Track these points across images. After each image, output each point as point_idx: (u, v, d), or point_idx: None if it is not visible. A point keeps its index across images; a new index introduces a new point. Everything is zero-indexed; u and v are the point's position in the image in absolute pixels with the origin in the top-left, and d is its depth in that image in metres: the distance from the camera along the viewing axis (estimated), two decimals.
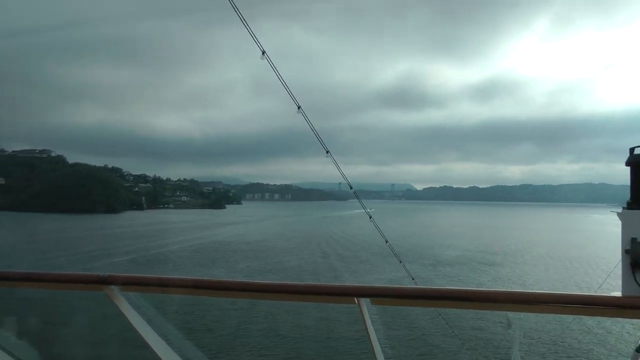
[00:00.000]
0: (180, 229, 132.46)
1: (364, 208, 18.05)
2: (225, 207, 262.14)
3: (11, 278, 5.88)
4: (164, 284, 5.32)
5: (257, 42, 10.20)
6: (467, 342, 37.35)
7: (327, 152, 14.02)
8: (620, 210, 4.02)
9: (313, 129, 13.08)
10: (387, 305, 4.62)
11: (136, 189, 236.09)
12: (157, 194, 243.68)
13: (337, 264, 77.68)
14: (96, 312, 35.93)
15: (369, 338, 4.77)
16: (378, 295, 4.64)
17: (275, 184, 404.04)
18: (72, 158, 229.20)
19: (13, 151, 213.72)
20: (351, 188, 17.11)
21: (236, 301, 39.08)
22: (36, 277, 5.72)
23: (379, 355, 4.83)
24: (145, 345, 5.10)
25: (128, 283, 5.10)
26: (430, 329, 38.53)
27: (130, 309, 5.05)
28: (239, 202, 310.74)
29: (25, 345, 6.94)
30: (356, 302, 4.57)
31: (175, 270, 67.31)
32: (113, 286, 4.96)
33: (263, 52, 10.45)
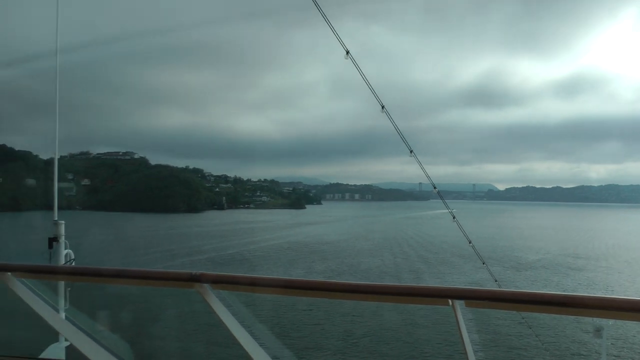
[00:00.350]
0: (259, 229, 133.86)
1: (447, 208, 17.87)
2: (305, 207, 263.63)
3: (105, 274, 6.10)
4: (255, 283, 5.42)
5: (341, 42, 10.27)
6: (550, 348, 36.53)
7: (411, 151, 13.97)
8: None
9: (397, 128, 13.08)
10: (481, 307, 4.54)
11: (217, 189, 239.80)
12: (237, 194, 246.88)
13: (418, 265, 76.93)
14: (186, 308, 37.03)
15: (462, 340, 4.72)
16: (473, 297, 4.58)
17: (355, 184, 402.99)
18: (154, 160, 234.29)
19: (98, 153, 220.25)
20: (434, 188, 16.99)
21: (319, 301, 39.43)
22: (130, 274, 5.91)
23: (471, 358, 4.78)
24: (234, 342, 5.21)
25: (219, 281, 5.23)
26: (513, 333, 37.93)
27: (220, 307, 5.18)
28: (319, 202, 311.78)
29: (118, 339, 7.17)
30: (450, 303, 4.54)
31: (251, 270, 67.95)
32: (204, 284, 5.09)
33: (347, 52, 10.51)
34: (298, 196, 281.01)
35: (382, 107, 11.92)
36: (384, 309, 40.93)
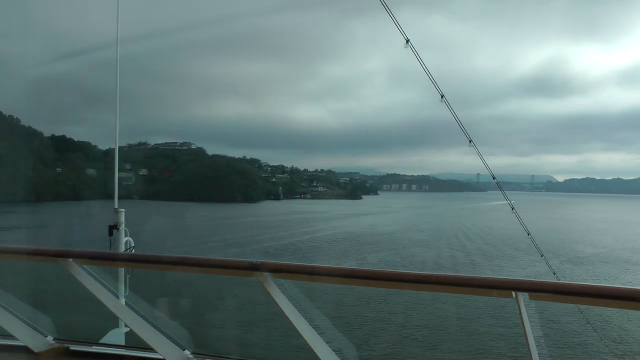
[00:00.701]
0: (313, 219, 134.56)
1: (506, 199, 17.62)
2: (361, 198, 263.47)
3: (166, 262, 6.17)
4: (315, 272, 5.42)
5: (400, 30, 10.17)
6: (610, 344, 35.90)
7: (470, 141, 13.78)
8: None
9: (456, 118, 12.92)
10: (545, 300, 4.45)
11: (273, 179, 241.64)
12: (294, 184, 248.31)
13: (475, 257, 76.24)
14: (245, 297, 37.53)
15: (525, 334, 4.65)
16: (537, 290, 4.51)
17: (412, 175, 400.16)
18: (212, 150, 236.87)
19: (155, 144, 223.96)
20: (493, 178, 16.77)
21: (379, 291, 39.65)
22: (190, 262, 5.98)
23: (534, 352, 4.69)
24: (294, 332, 5.21)
25: (279, 270, 5.25)
26: (576, 328, 37.32)
27: (281, 295, 5.20)
28: (375, 193, 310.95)
29: (177, 326, 7.24)
30: (514, 296, 4.45)
31: (303, 261, 68.20)
32: (265, 272, 5.09)
33: (407, 41, 10.40)
34: (354, 186, 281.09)
35: (442, 96, 11.80)
36: (440, 300, 40.84)
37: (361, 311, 41.02)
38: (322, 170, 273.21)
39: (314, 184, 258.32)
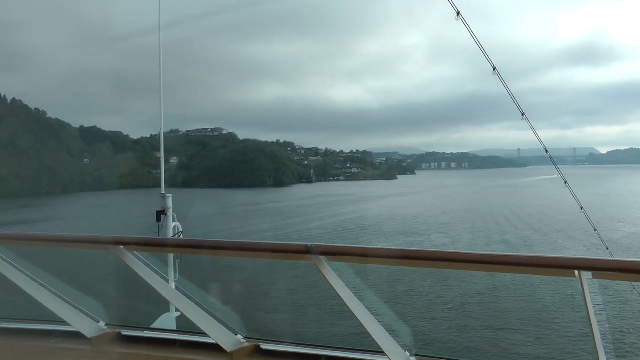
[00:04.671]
0: (337, 202, 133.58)
1: (560, 173, 17.46)
2: (396, 178, 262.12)
3: (219, 247, 6.33)
4: (369, 254, 5.53)
5: (452, 3, 10.15)
6: None
7: (523, 114, 13.75)
8: None
9: (509, 90, 12.93)
10: (610, 279, 4.47)
11: (306, 162, 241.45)
12: (327, 166, 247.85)
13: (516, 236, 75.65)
14: (297, 280, 37.86)
15: (588, 313, 4.68)
16: (601, 268, 4.52)
17: (452, 153, 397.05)
18: (245, 135, 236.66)
19: (187, 131, 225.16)
20: (547, 152, 16.68)
21: (433, 271, 39.82)
22: (245, 247, 6.12)
23: (596, 332, 4.73)
24: (349, 314, 5.33)
25: (333, 253, 5.36)
26: (636, 306, 37.10)
27: (335, 278, 5.31)
28: (412, 172, 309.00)
29: (229, 310, 7.42)
30: (576, 275, 4.49)
31: None
32: (319, 256, 5.21)
33: (458, 13, 10.40)
34: (389, 167, 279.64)
35: (494, 68, 11.76)
36: (497, 279, 40.84)
37: (417, 291, 41.25)
38: (357, 151, 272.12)
39: (348, 165, 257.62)
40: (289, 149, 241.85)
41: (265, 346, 6.43)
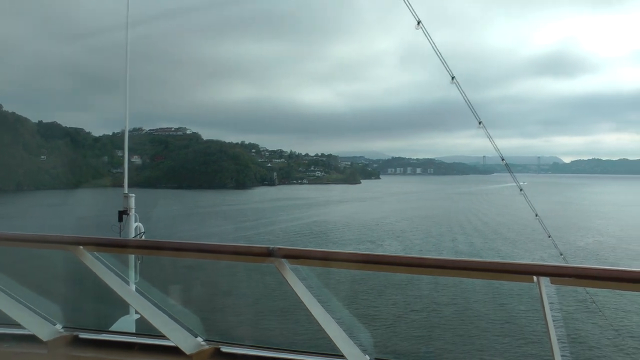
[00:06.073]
0: (296, 206, 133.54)
1: (515, 181, 17.86)
2: (360, 182, 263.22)
3: (180, 249, 6.32)
4: (332, 258, 5.58)
5: (412, 11, 10.26)
6: (619, 326, 36.56)
7: (480, 122, 13.99)
8: None
9: (466, 99, 13.11)
10: (567, 285, 4.60)
11: (269, 164, 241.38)
12: (290, 169, 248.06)
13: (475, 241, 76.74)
14: (259, 282, 37.85)
15: (545, 317, 4.79)
16: (559, 274, 4.66)
17: (417, 158, 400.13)
18: (212, 136, 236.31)
19: (150, 130, 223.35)
20: (502, 160, 17.01)
21: (395, 276, 40.20)
22: (206, 249, 6.12)
23: (553, 336, 4.84)
24: (310, 317, 5.38)
25: (296, 256, 5.40)
26: (582, 310, 38.00)
27: (297, 281, 5.36)
28: (377, 177, 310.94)
29: (190, 312, 7.41)
30: (535, 280, 4.60)
31: None
32: (281, 258, 5.26)
33: (418, 22, 10.51)
34: (353, 171, 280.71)
35: (452, 77, 11.93)
36: (467, 283, 41.39)
37: (377, 296, 41.56)
38: (322, 154, 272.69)
39: (312, 168, 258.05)
40: (253, 150, 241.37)
41: (225, 349, 6.43)
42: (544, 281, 4.63)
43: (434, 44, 10.46)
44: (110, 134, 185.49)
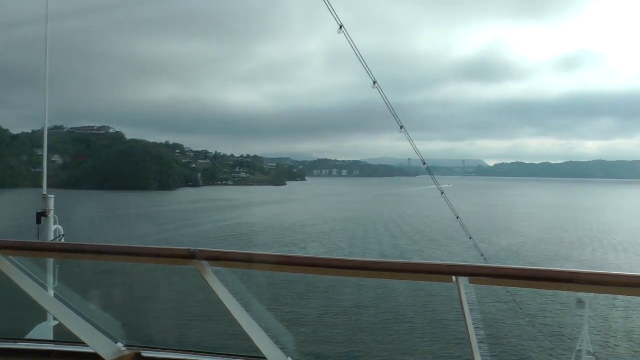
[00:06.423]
0: (218, 208, 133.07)
1: (437, 184, 18.15)
2: (285, 184, 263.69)
3: (101, 252, 6.20)
4: (254, 260, 5.57)
5: (335, 15, 10.31)
6: (536, 321, 37.64)
7: (402, 127, 14.20)
8: None
9: (388, 104, 13.30)
10: (485, 284, 4.70)
11: (194, 165, 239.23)
12: (215, 170, 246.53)
13: (401, 243, 77.70)
14: (181, 285, 37.39)
15: (465, 318, 4.89)
16: (477, 274, 4.73)
17: (343, 160, 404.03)
18: (136, 135, 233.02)
19: (72, 128, 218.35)
20: (424, 164, 17.27)
21: (323, 278, 40.23)
22: (127, 252, 6.02)
23: (472, 335, 4.95)
24: (232, 320, 5.38)
25: (217, 258, 5.38)
26: (501, 308, 38.95)
27: (218, 283, 5.34)
28: (303, 179, 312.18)
29: (110, 317, 7.29)
30: (454, 280, 4.70)
31: None
32: (203, 261, 5.24)
33: (341, 27, 10.56)
34: (279, 172, 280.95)
35: (374, 82, 12.03)
36: (393, 284, 41.79)
37: (306, 297, 41.72)
38: (248, 155, 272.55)
39: (237, 170, 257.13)
40: (177, 151, 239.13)
41: (146, 354, 6.34)
42: (463, 281, 4.68)
43: (356, 48, 10.55)
44: (30, 131, 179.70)
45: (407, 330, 37.17)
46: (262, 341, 5.56)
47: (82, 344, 6.18)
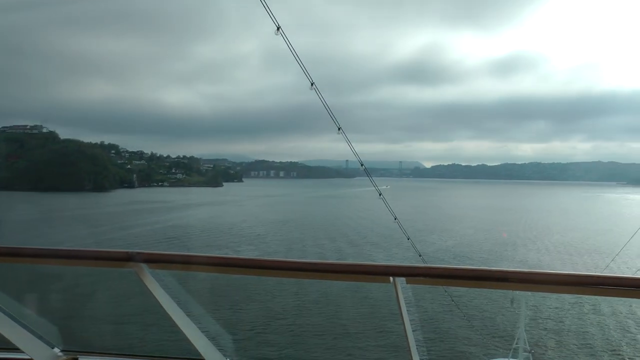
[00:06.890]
0: (153, 210, 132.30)
1: (375, 185, 18.35)
2: (222, 185, 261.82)
3: (36, 255, 6.11)
4: (191, 261, 5.57)
5: (272, 16, 10.35)
6: (473, 319, 38.31)
7: (339, 128, 14.32)
8: (629, 189, 4.09)
9: (325, 106, 13.39)
10: (422, 284, 4.80)
11: (129, 166, 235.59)
12: (151, 171, 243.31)
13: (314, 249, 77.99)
14: (119, 288, 36.79)
15: (402, 318, 5.00)
16: (413, 274, 4.82)
17: (280, 161, 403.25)
18: (69, 134, 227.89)
19: (3, 127, 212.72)
20: (362, 165, 17.43)
21: (263, 279, 40.06)
22: (63, 254, 5.95)
23: (410, 335, 5.06)
24: (170, 322, 5.37)
25: (155, 260, 5.36)
26: (439, 308, 39.48)
27: (156, 286, 5.33)
28: (240, 180, 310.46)
29: (46, 322, 7.17)
30: (391, 281, 4.79)
31: None
32: (141, 263, 5.21)
33: (278, 28, 10.60)
34: (215, 174, 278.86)
35: (312, 84, 12.10)
36: (333, 285, 41.87)
37: (246, 298, 41.57)
38: (184, 156, 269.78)
39: (173, 170, 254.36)
40: (112, 151, 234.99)
41: (84, 358, 6.29)
42: (400, 282, 4.79)
43: (293, 49, 10.60)
44: None
45: (347, 332, 37.37)
46: (200, 343, 5.58)
47: (17, 350, 6.07)
